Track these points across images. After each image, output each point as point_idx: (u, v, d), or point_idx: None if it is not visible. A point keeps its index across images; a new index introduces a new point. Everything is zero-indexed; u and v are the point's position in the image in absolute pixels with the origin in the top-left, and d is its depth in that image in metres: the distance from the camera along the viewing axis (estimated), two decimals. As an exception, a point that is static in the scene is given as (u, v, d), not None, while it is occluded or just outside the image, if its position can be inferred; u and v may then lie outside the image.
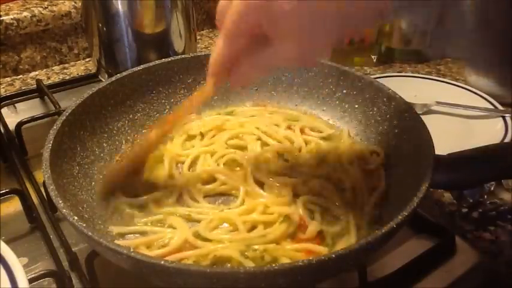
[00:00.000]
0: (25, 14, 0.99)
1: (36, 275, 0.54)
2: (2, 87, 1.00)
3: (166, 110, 0.77)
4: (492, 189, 0.72)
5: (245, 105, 0.79)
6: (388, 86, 0.69)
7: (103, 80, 0.93)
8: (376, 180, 0.64)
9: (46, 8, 1.02)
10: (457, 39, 0.44)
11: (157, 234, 0.58)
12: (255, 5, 0.45)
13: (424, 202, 0.52)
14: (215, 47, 0.51)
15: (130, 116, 0.74)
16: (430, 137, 0.59)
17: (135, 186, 0.63)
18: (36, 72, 1.05)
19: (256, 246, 0.55)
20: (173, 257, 0.54)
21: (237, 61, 0.51)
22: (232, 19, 0.47)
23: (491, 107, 0.89)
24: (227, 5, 0.47)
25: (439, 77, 1.01)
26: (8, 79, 1.03)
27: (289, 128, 0.73)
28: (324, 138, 0.72)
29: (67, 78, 1.02)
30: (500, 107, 0.88)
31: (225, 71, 0.53)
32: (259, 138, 0.71)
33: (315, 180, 0.63)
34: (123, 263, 0.48)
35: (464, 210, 0.70)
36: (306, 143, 0.71)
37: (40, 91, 0.93)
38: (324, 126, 0.74)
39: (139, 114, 0.74)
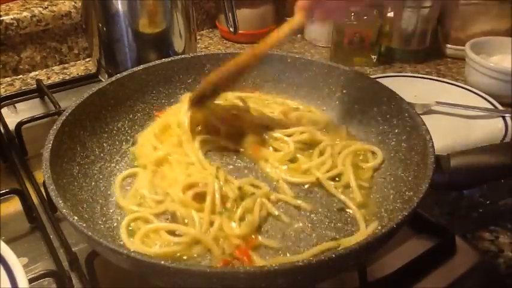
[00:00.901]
0: (25, 14, 0.99)
1: (36, 275, 0.54)
2: (2, 87, 1.00)
3: (167, 110, 0.77)
4: (492, 189, 0.72)
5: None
6: (388, 86, 0.69)
7: (103, 80, 0.93)
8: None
9: (46, 8, 1.02)
10: None
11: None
12: None
13: (424, 202, 0.52)
14: None
15: (130, 116, 0.74)
16: (431, 137, 0.59)
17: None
18: (36, 72, 1.06)
19: None
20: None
21: None
22: None
23: (491, 107, 0.89)
24: None
25: (439, 77, 1.02)
26: (8, 79, 1.03)
27: (284, 115, 0.73)
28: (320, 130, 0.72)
29: (67, 78, 1.02)
30: (500, 107, 0.89)
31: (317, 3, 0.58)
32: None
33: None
34: (123, 263, 0.48)
35: (464, 210, 0.70)
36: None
37: (40, 91, 0.93)
38: (321, 119, 0.74)
39: (139, 114, 0.75)
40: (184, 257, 0.56)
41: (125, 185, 0.66)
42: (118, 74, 0.72)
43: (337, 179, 0.65)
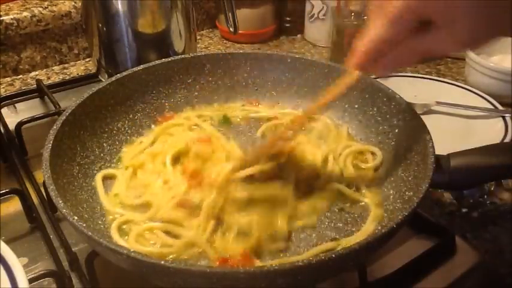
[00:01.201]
0: (25, 14, 0.99)
1: (36, 275, 0.54)
2: (2, 87, 1.00)
3: (166, 110, 0.77)
4: (492, 189, 0.72)
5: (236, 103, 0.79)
6: (388, 86, 0.69)
7: (103, 80, 0.93)
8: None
9: (46, 8, 1.02)
10: None
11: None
12: None
13: (424, 202, 0.52)
14: (370, 32, 0.49)
15: (130, 116, 0.74)
16: (430, 137, 0.59)
17: None
18: (36, 72, 1.05)
19: None
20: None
21: (391, 46, 0.49)
22: (402, 3, 0.45)
23: (491, 107, 0.89)
24: None
25: (439, 77, 1.02)
26: (8, 79, 1.03)
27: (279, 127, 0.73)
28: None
29: (67, 78, 1.02)
30: (500, 107, 0.88)
31: (376, 56, 0.50)
32: None
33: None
34: (123, 263, 0.48)
35: (464, 210, 0.70)
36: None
37: (40, 91, 0.93)
38: (320, 122, 0.74)
39: (139, 114, 0.74)
40: (185, 256, 0.56)
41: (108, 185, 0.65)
42: (118, 74, 0.72)
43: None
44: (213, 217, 0.57)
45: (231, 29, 0.92)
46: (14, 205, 0.68)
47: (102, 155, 0.68)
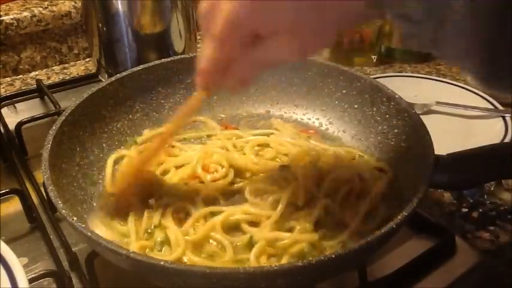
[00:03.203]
0: (25, 14, 0.99)
1: (36, 275, 0.54)
2: (2, 87, 1.00)
3: (166, 110, 0.77)
4: (492, 189, 0.72)
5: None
6: (388, 86, 0.69)
7: (103, 80, 0.93)
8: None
9: (46, 8, 1.02)
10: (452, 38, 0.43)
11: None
12: (251, 5, 0.43)
13: (424, 202, 0.52)
14: (204, 52, 0.48)
15: (130, 116, 0.74)
16: (430, 137, 0.59)
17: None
18: (36, 72, 1.05)
19: None
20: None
21: (228, 65, 0.48)
22: (225, 21, 0.44)
23: (491, 107, 0.89)
24: (214, 6, 0.45)
25: (439, 77, 1.01)
26: (8, 79, 1.03)
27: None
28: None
29: (67, 78, 1.02)
30: (500, 107, 0.88)
31: (218, 78, 0.50)
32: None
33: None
34: (123, 263, 0.48)
35: (464, 210, 0.70)
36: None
37: (40, 91, 0.93)
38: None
39: (139, 114, 0.75)
40: None
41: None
42: (118, 74, 0.73)
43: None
44: None
45: (231, 29, 0.92)
46: (14, 205, 0.68)
47: (101, 155, 0.68)
